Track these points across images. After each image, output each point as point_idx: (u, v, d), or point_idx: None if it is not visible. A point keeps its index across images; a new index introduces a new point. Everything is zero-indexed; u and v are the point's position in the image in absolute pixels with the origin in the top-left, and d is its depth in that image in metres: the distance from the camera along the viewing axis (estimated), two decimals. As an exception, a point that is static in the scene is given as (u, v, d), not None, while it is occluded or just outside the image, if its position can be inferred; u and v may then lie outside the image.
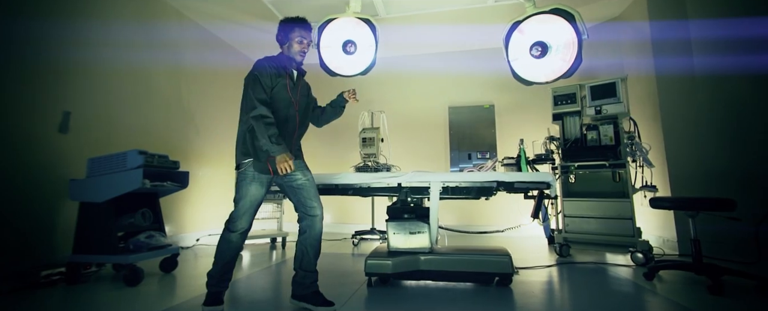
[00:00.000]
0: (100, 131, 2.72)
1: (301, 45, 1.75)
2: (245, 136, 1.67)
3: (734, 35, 2.89)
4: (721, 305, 1.68)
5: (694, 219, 2.06)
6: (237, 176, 1.68)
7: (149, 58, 3.26)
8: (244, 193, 1.63)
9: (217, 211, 4.01)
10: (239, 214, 1.63)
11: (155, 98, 3.30)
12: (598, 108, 2.93)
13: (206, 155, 3.89)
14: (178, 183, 2.47)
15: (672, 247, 2.94)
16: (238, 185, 1.65)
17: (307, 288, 1.63)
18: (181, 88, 3.63)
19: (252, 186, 1.63)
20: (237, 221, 1.63)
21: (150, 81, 3.26)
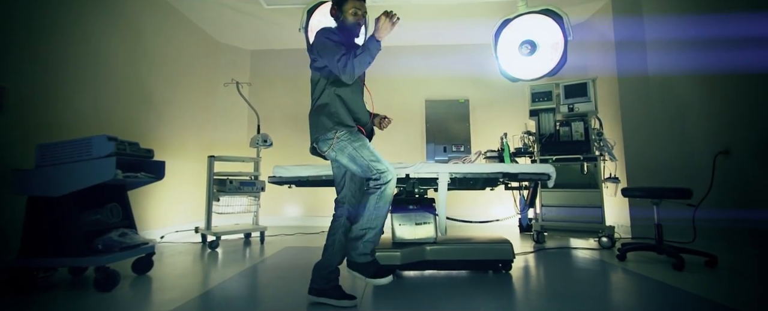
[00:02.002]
0: (46, 114, 2.32)
1: (355, 17, 1.63)
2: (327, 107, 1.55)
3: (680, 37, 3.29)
4: (684, 278, 1.94)
5: (658, 206, 2.33)
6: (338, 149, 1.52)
7: (105, 34, 2.84)
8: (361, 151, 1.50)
9: (183, 205, 3.67)
10: (377, 165, 1.47)
11: (112, 79, 2.89)
12: (571, 106, 3.17)
13: (170, 143, 3.52)
14: (153, 174, 2.20)
15: (626, 231, 3.31)
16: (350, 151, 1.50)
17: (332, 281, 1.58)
18: (141, 69, 3.22)
19: (357, 141, 1.52)
20: (382, 166, 1.48)
21: (107, 60, 2.84)
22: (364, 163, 1.48)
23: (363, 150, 1.50)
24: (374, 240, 1.49)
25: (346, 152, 1.51)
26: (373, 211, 1.46)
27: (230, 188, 2.99)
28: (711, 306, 1.51)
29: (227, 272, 2.18)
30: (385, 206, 1.47)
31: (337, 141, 1.51)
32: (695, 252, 2.22)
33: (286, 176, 1.93)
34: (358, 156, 1.49)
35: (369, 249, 1.48)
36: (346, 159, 1.52)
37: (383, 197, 1.46)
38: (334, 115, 1.54)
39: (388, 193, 1.46)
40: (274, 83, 4.73)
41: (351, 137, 1.52)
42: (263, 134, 3.39)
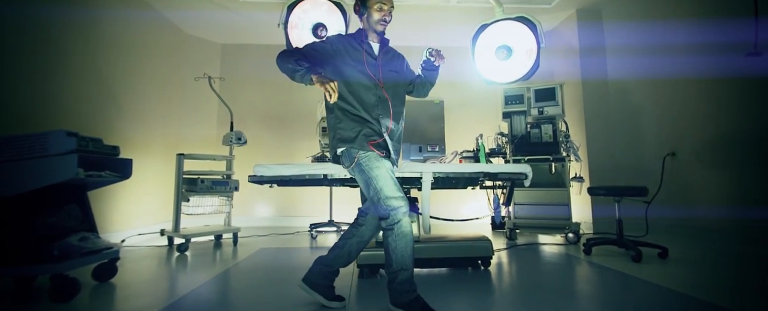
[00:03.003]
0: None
1: (381, 12, 1.53)
2: (335, 125, 1.51)
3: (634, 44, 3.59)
4: (641, 268, 2.12)
5: (618, 204, 2.53)
6: (358, 166, 1.45)
7: (58, 19, 2.59)
8: (378, 171, 1.41)
9: (147, 207, 3.44)
10: (387, 194, 1.37)
11: (64, 66, 2.64)
12: (541, 109, 3.35)
13: (131, 139, 3.28)
14: (118, 173, 2.04)
15: (588, 227, 3.55)
16: (367, 171, 1.42)
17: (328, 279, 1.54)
18: (98, 57, 2.97)
19: (380, 162, 1.43)
20: (393, 202, 1.37)
21: (58, 44, 2.59)
22: (377, 196, 1.39)
23: (379, 181, 1.39)
24: (408, 278, 1.39)
25: (362, 176, 1.44)
26: (396, 254, 1.37)
27: (202, 187, 2.84)
28: (665, 292, 1.67)
29: (201, 276, 2.07)
30: (408, 244, 1.37)
31: (358, 161, 1.44)
32: (649, 244, 2.43)
33: (267, 176, 1.87)
34: (372, 186, 1.40)
35: (407, 287, 1.38)
36: (362, 182, 1.47)
37: (401, 236, 1.37)
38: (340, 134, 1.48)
39: (405, 230, 1.37)
40: (246, 79, 4.55)
41: (370, 163, 1.43)
42: (237, 132, 3.26)
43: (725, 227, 2.77)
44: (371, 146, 1.46)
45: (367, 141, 1.46)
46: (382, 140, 1.49)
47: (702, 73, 2.97)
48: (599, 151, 3.56)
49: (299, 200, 4.38)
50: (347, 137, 1.47)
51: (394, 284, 1.41)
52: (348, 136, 1.47)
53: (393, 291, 1.42)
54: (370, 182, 1.41)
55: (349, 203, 4.25)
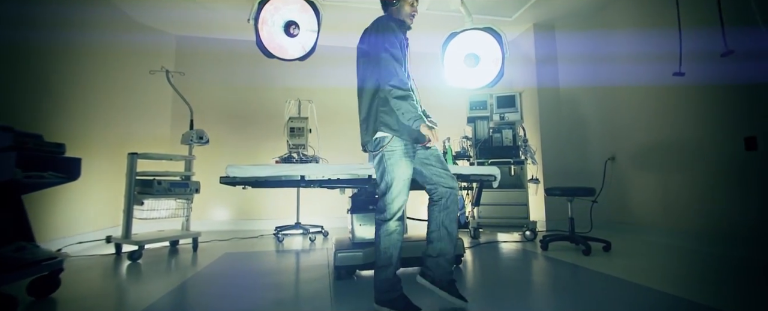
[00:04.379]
0: None
1: (412, 8, 1.55)
2: (378, 111, 1.45)
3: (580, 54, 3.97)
4: (590, 260, 2.37)
5: (571, 203, 2.78)
6: (381, 156, 1.45)
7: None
8: (396, 173, 1.42)
9: (88, 211, 3.10)
10: (393, 196, 1.41)
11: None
12: (502, 115, 3.58)
13: (70, 136, 2.92)
14: (64, 174, 1.82)
15: (542, 225, 3.84)
16: (386, 165, 1.43)
17: (447, 272, 1.50)
18: (29, 42, 2.61)
19: (402, 163, 1.44)
20: (392, 205, 1.42)
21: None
22: (385, 189, 1.44)
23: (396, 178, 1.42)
24: (391, 279, 1.43)
25: (382, 165, 1.46)
26: (380, 250, 1.44)
27: (158, 189, 2.63)
28: (611, 280, 1.89)
29: (161, 286, 1.91)
30: (391, 247, 1.43)
31: (387, 151, 1.45)
32: (596, 239, 2.70)
33: (241, 177, 1.79)
34: (387, 179, 1.44)
35: (388, 287, 1.43)
36: (377, 170, 1.49)
37: (386, 234, 1.43)
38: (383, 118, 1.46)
39: (389, 230, 1.42)
40: (205, 74, 4.28)
41: (398, 157, 1.44)
42: (198, 130, 3.06)
43: (655, 223, 3.17)
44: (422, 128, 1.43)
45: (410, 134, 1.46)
46: None
47: (637, 83, 3.37)
48: (552, 154, 3.88)
49: (262, 202, 4.21)
50: (390, 123, 1.46)
51: (378, 281, 1.44)
52: (391, 122, 1.46)
53: (376, 289, 1.45)
54: (384, 176, 1.45)
55: (316, 205, 4.18)
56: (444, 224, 1.49)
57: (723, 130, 2.64)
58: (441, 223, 1.49)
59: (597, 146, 3.82)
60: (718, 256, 2.45)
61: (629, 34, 3.48)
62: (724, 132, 2.63)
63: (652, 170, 3.22)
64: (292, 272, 2.19)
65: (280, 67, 4.18)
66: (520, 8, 3.71)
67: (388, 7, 1.60)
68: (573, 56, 4.02)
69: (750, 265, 2.20)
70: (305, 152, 3.50)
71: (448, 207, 1.49)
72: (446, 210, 1.49)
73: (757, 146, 2.41)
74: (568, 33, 4.07)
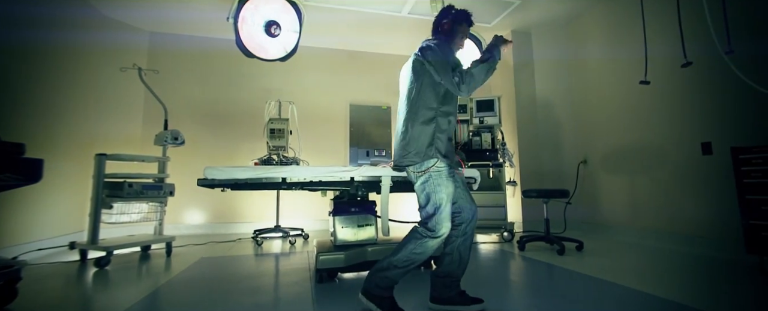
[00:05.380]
0: None
1: (462, 42, 1.60)
2: (434, 135, 1.44)
3: (555, 60, 4.12)
4: (564, 259, 2.46)
5: (547, 204, 2.88)
6: (429, 177, 1.46)
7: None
8: (445, 193, 1.44)
9: (49, 216, 2.91)
10: (444, 216, 1.43)
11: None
12: (482, 119, 3.66)
13: (30, 134, 2.74)
14: (22, 176, 1.71)
15: (519, 226, 3.96)
16: (434, 185, 1.45)
17: (453, 288, 1.51)
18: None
19: (449, 182, 1.46)
20: (443, 225, 1.43)
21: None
22: (433, 210, 1.44)
23: (444, 198, 1.44)
24: (395, 278, 1.46)
25: (429, 186, 1.45)
26: (408, 254, 1.45)
27: (130, 192, 2.51)
28: (583, 277, 1.98)
29: (132, 294, 1.82)
30: (421, 257, 1.45)
31: (434, 171, 1.45)
32: (569, 239, 2.81)
33: (220, 178, 1.74)
34: (434, 199, 1.44)
35: (387, 284, 1.45)
36: (422, 192, 1.48)
37: (424, 248, 1.44)
38: (437, 144, 1.47)
39: (429, 246, 1.44)
40: (181, 73, 4.14)
41: (445, 177, 1.45)
42: (173, 131, 2.95)
43: (623, 223, 3.33)
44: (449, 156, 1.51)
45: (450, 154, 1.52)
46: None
47: (608, 89, 3.55)
48: (529, 157, 4.01)
49: (240, 205, 4.10)
50: (442, 148, 1.48)
51: (380, 274, 1.45)
52: (442, 147, 1.49)
53: (372, 282, 1.46)
54: (432, 196, 1.45)
55: (297, 207, 4.12)
56: (459, 249, 1.52)
57: (681, 135, 2.82)
58: (456, 248, 1.52)
59: (570, 150, 3.98)
60: (681, 254, 2.60)
61: (601, 43, 3.67)
62: (683, 137, 2.81)
63: (620, 172, 3.39)
64: (272, 276, 2.15)
65: (260, 67, 4.10)
66: (499, 15, 3.83)
67: (441, 36, 1.61)
68: (548, 62, 4.18)
69: (709, 262, 2.36)
70: (286, 154, 3.44)
71: (467, 233, 1.52)
72: (464, 236, 1.52)
73: (712, 150, 2.59)
74: (544, 40, 4.23)
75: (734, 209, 2.19)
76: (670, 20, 2.52)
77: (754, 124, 2.35)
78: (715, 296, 1.70)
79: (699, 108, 2.70)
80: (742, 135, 2.39)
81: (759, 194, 1.97)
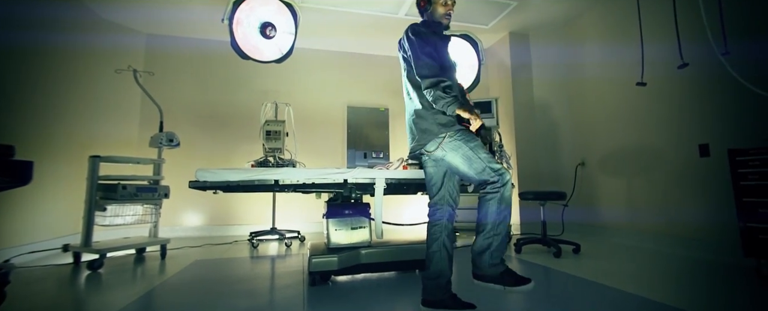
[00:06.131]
0: None
1: (446, 7, 1.56)
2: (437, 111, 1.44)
3: (553, 64, 4.12)
4: (561, 262, 2.44)
5: (543, 207, 2.86)
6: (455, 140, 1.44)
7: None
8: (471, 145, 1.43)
9: (43, 218, 2.90)
10: (491, 162, 1.42)
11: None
12: (479, 120, 3.65)
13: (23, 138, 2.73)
14: (10, 178, 1.69)
15: (516, 228, 3.94)
16: (464, 144, 1.43)
17: (446, 291, 1.48)
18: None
19: (469, 136, 1.45)
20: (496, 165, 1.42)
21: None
22: (481, 165, 1.40)
23: (479, 151, 1.42)
24: (502, 248, 1.39)
25: (459, 151, 1.43)
26: (497, 217, 1.38)
27: (123, 194, 2.50)
28: (579, 281, 1.96)
29: (122, 297, 1.81)
30: (508, 209, 1.39)
31: (449, 140, 1.44)
32: (566, 242, 2.79)
33: (211, 181, 1.73)
34: (473, 157, 1.41)
35: (499, 258, 1.39)
36: (459, 159, 1.43)
37: (504, 199, 1.38)
38: (443, 115, 1.46)
39: (507, 195, 1.38)
40: (178, 74, 4.13)
41: (465, 137, 1.44)
42: (169, 133, 2.94)
43: (621, 225, 3.31)
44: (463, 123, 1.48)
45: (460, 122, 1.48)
46: None
47: (605, 91, 3.54)
48: (527, 159, 3.99)
49: (236, 207, 4.09)
50: (448, 121, 1.46)
51: (487, 253, 1.38)
52: (449, 120, 1.47)
53: (482, 263, 1.39)
54: (472, 156, 1.42)
55: (292, 209, 4.10)
56: (445, 245, 1.49)
57: (679, 137, 2.80)
58: (442, 244, 1.49)
59: (568, 152, 3.97)
60: (679, 257, 2.58)
61: (598, 45, 3.66)
62: (680, 139, 2.79)
63: (618, 174, 3.37)
64: (265, 279, 2.13)
65: (256, 69, 4.10)
66: (496, 17, 3.82)
67: (423, 12, 1.65)
68: (546, 64, 4.17)
69: (706, 266, 2.33)
70: (282, 155, 3.43)
71: (449, 228, 1.52)
72: (448, 230, 1.51)
73: (709, 152, 2.57)
74: (541, 41, 4.22)
75: (732, 211, 2.18)
76: (667, 21, 2.52)
77: (752, 125, 2.33)
78: (712, 300, 1.68)
79: (697, 110, 2.69)
80: (740, 137, 2.38)
81: (756, 196, 1.96)
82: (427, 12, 1.62)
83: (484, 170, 1.40)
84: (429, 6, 1.60)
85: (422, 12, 1.65)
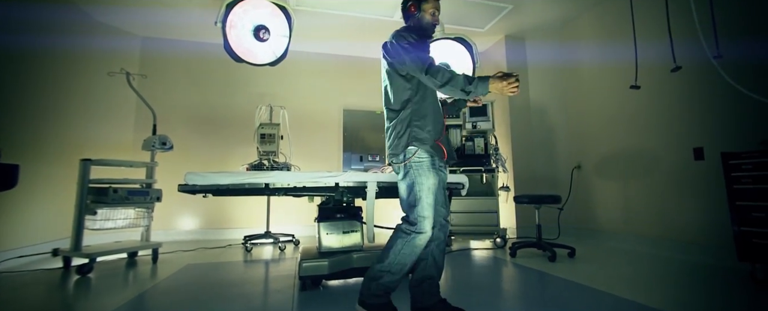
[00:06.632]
0: None
1: (433, 17, 1.55)
2: (410, 122, 1.41)
3: (548, 66, 4.12)
4: (555, 266, 2.42)
5: (538, 210, 2.85)
6: (409, 168, 1.42)
7: None
8: (424, 184, 1.39)
9: (33, 222, 2.87)
10: (424, 207, 1.38)
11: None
12: (475, 124, 3.64)
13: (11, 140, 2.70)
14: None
15: (512, 232, 3.92)
16: (414, 177, 1.41)
17: (434, 296, 1.47)
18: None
19: (431, 173, 1.41)
20: (425, 221, 1.38)
21: None
22: (414, 201, 1.40)
23: (424, 189, 1.39)
24: (391, 285, 1.41)
25: (410, 177, 1.42)
26: (397, 256, 1.39)
27: (114, 198, 2.47)
28: (573, 285, 1.94)
29: (109, 302, 1.78)
30: (411, 256, 1.40)
31: (414, 162, 1.42)
32: (561, 245, 2.78)
33: (200, 184, 1.71)
34: (415, 190, 1.40)
35: (382, 291, 1.41)
36: (403, 183, 1.44)
37: (411, 247, 1.39)
38: (415, 132, 1.44)
39: (417, 243, 1.39)
40: (171, 77, 4.12)
41: (426, 168, 1.41)
42: (161, 136, 2.92)
43: (617, 229, 3.29)
44: (438, 142, 1.46)
45: (434, 140, 1.46)
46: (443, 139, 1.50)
47: (601, 94, 3.53)
48: (523, 163, 3.98)
49: (231, 210, 4.06)
50: (422, 137, 1.44)
51: (374, 283, 1.41)
52: (423, 137, 1.44)
53: (367, 289, 1.42)
54: (413, 188, 1.41)
55: (287, 214, 4.08)
56: (433, 253, 1.49)
57: (674, 140, 2.80)
58: (430, 252, 1.49)
59: (565, 155, 3.96)
60: (675, 261, 2.57)
61: (593, 47, 3.66)
62: (675, 143, 2.79)
63: (614, 178, 3.36)
64: (255, 283, 2.11)
65: (252, 72, 4.10)
66: (492, 20, 3.83)
67: (409, 17, 1.62)
68: (542, 67, 4.18)
69: (702, 270, 2.32)
70: (276, 159, 3.42)
71: (439, 237, 1.50)
72: (437, 240, 1.49)
73: (704, 156, 2.56)
74: (537, 44, 4.23)
75: (726, 215, 2.16)
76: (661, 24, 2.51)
77: (746, 129, 2.33)
78: (708, 305, 1.66)
79: (691, 113, 2.68)
80: (734, 140, 2.37)
81: (749, 200, 1.94)
82: (414, 17, 1.60)
83: (413, 210, 1.42)
84: (418, 12, 1.58)
85: (409, 17, 1.62)
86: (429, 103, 1.49)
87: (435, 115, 1.50)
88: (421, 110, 1.46)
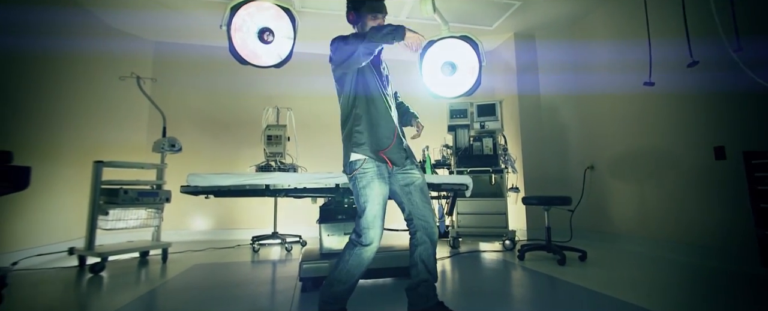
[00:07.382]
0: None
1: (375, 20, 1.54)
2: (352, 130, 1.41)
3: (560, 64, 4.01)
4: (565, 270, 2.34)
5: (548, 212, 2.76)
6: (353, 180, 1.43)
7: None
8: (368, 195, 1.37)
9: (51, 222, 2.98)
10: (369, 221, 1.36)
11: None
12: (483, 124, 3.58)
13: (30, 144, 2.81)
14: (7, 183, 1.73)
15: (522, 234, 3.83)
16: (359, 187, 1.40)
17: (430, 298, 1.45)
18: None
19: (375, 184, 1.39)
20: (370, 232, 1.36)
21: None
22: (360, 212, 1.40)
23: (369, 200, 1.38)
24: (341, 295, 1.40)
25: (355, 188, 1.43)
26: (345, 265, 1.38)
27: (125, 199, 2.54)
28: (582, 291, 1.86)
29: (116, 300, 1.82)
30: (358, 267, 1.38)
31: (359, 173, 1.41)
32: (572, 248, 2.69)
33: (202, 186, 1.73)
34: (360, 201, 1.40)
35: (333, 299, 1.40)
36: (355, 196, 1.44)
37: (357, 259, 1.38)
38: (358, 140, 1.44)
39: (363, 255, 1.38)
40: (183, 80, 4.21)
41: (369, 178, 1.40)
42: (170, 138, 2.98)
43: (631, 232, 3.17)
44: (381, 154, 1.45)
45: (377, 149, 1.44)
46: (389, 149, 1.47)
47: (614, 91, 3.41)
48: (533, 163, 3.88)
49: (239, 211, 4.12)
50: (362, 148, 1.44)
51: (326, 291, 1.41)
52: (364, 147, 1.44)
53: (322, 296, 1.42)
54: (359, 199, 1.42)
55: (294, 214, 4.10)
56: (421, 258, 1.47)
57: (693, 139, 2.67)
58: (418, 257, 1.47)
59: (577, 155, 3.84)
60: (692, 266, 2.45)
61: (606, 44, 3.54)
62: (694, 142, 2.66)
63: (629, 178, 3.24)
64: (259, 284, 2.12)
65: (258, 74, 4.14)
66: (500, 17, 3.75)
67: (355, 26, 1.63)
68: (553, 65, 4.07)
69: (721, 276, 2.20)
70: (283, 160, 3.44)
71: (425, 242, 1.46)
72: (424, 244, 1.46)
73: (725, 155, 2.43)
74: (547, 42, 4.12)
75: (749, 218, 2.04)
76: (676, 18, 2.41)
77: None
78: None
79: (711, 110, 2.55)
80: (756, 138, 2.24)
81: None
82: (357, 25, 1.60)
83: (360, 221, 1.40)
84: (358, 19, 1.57)
85: (353, 24, 1.62)
86: (371, 113, 1.48)
87: (375, 126, 1.47)
88: (361, 120, 1.46)
